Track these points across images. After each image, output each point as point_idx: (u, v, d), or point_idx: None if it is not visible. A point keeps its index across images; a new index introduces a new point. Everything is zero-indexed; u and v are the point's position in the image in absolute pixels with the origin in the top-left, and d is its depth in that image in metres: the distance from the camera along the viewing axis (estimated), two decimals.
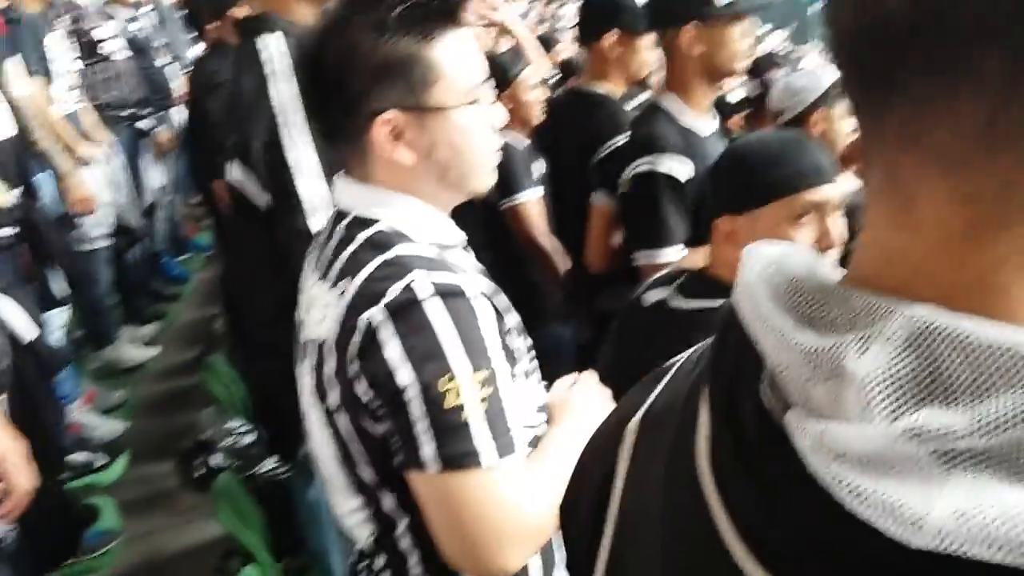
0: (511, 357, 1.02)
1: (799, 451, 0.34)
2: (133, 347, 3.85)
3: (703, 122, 1.99)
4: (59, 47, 3.45)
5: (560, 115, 2.61)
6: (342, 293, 1.01)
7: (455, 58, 1.03)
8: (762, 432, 0.38)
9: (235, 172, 1.57)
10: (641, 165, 1.92)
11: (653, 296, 1.51)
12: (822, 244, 1.32)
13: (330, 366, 1.02)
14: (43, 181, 2.99)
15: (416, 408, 0.94)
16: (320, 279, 1.08)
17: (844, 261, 1.13)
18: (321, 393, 1.05)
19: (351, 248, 1.04)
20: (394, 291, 0.96)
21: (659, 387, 0.54)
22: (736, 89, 3.07)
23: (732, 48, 1.94)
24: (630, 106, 2.49)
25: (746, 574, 0.37)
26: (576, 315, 2.63)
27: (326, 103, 1.07)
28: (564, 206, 2.62)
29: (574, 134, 2.48)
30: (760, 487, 0.38)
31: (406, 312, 0.95)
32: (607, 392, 1.20)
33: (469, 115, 1.05)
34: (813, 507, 0.34)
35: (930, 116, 0.33)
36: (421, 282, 0.96)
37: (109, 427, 3.20)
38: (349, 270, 1.02)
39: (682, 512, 0.44)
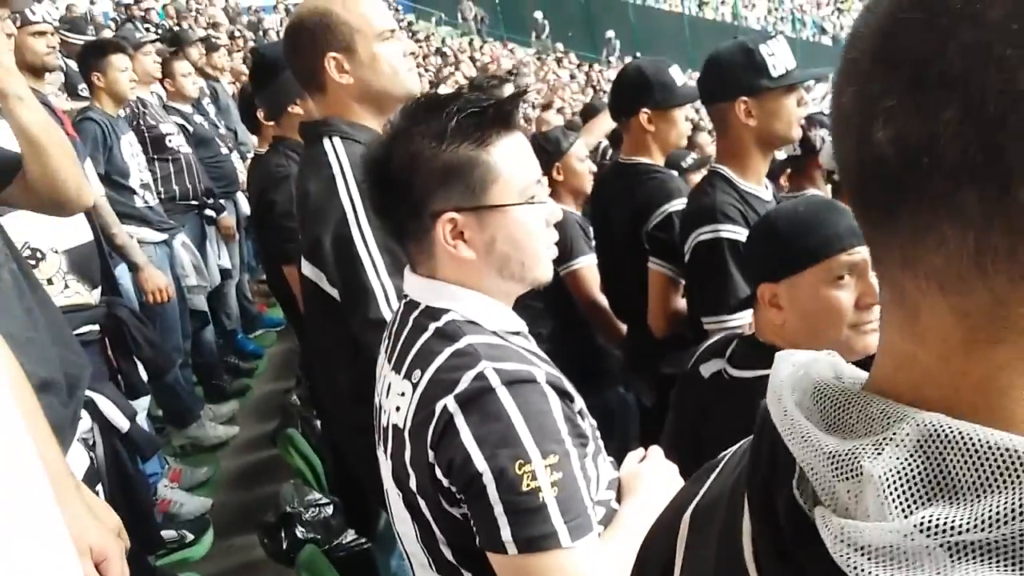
0: (580, 439, 1.06)
1: (827, 544, 0.39)
2: (214, 424, 3.98)
3: (761, 189, 2.04)
4: (132, 146, 3.67)
5: (608, 187, 2.68)
6: (416, 383, 1.07)
7: (510, 160, 1.11)
8: (795, 525, 0.42)
9: (306, 268, 1.65)
10: (704, 232, 1.95)
11: (711, 368, 1.53)
12: (864, 303, 1.33)
13: (408, 453, 1.07)
14: (120, 275, 3.16)
15: (493, 493, 0.98)
16: (393, 369, 1.14)
17: None
18: (401, 477, 1.10)
19: (423, 339, 1.10)
20: (465, 381, 1.02)
21: (710, 480, 0.59)
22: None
23: (787, 118, 1.98)
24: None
25: None
26: (636, 381, 2.65)
27: (393, 205, 1.15)
28: (616, 275, 2.66)
29: (623, 204, 2.53)
30: (795, 574, 0.42)
31: (478, 401, 1.01)
32: (672, 467, 1.24)
33: (525, 212, 1.12)
34: None
35: (925, 243, 0.37)
36: (491, 371, 1.02)
37: (195, 504, 3.31)
38: (421, 360, 1.08)
39: None
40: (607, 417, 1.30)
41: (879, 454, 0.37)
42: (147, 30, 9.53)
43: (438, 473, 1.03)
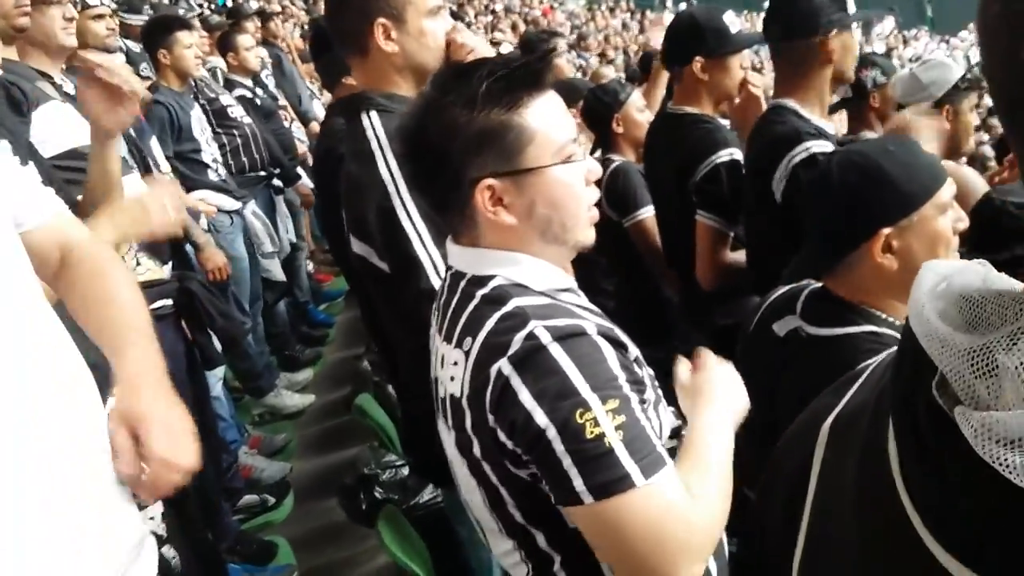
0: (637, 385, 1.04)
1: (969, 440, 0.39)
2: (290, 393, 4.09)
3: (827, 123, 2.03)
4: (200, 121, 3.74)
5: (655, 137, 2.63)
6: (468, 351, 1.07)
7: (544, 120, 1.09)
8: (935, 427, 0.43)
9: (356, 246, 1.66)
10: (797, 154, 1.92)
11: (785, 325, 1.50)
12: (956, 228, 1.38)
13: (468, 421, 1.07)
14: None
15: (559, 446, 0.98)
16: (445, 340, 1.14)
17: None
18: (464, 446, 1.10)
19: (471, 306, 1.10)
20: (517, 342, 1.01)
21: (851, 391, 0.60)
22: None
23: (854, 55, 2.00)
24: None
25: (935, 557, 0.41)
26: (692, 333, 2.62)
27: (430, 177, 1.14)
28: (666, 228, 2.62)
29: (669, 155, 2.48)
30: (938, 476, 0.43)
31: (532, 360, 1.00)
32: (727, 365, 1.23)
33: (563, 172, 1.10)
34: (984, 490, 0.38)
35: None
36: (541, 329, 1.01)
37: (276, 468, 3.41)
38: (471, 328, 1.08)
39: (875, 502, 0.49)
40: (669, 374, 1.27)
41: (1013, 345, 0.38)
42: (200, 7, 9.66)
43: (501, 436, 1.03)
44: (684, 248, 2.42)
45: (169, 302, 2.22)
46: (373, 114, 1.62)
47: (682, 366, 1.25)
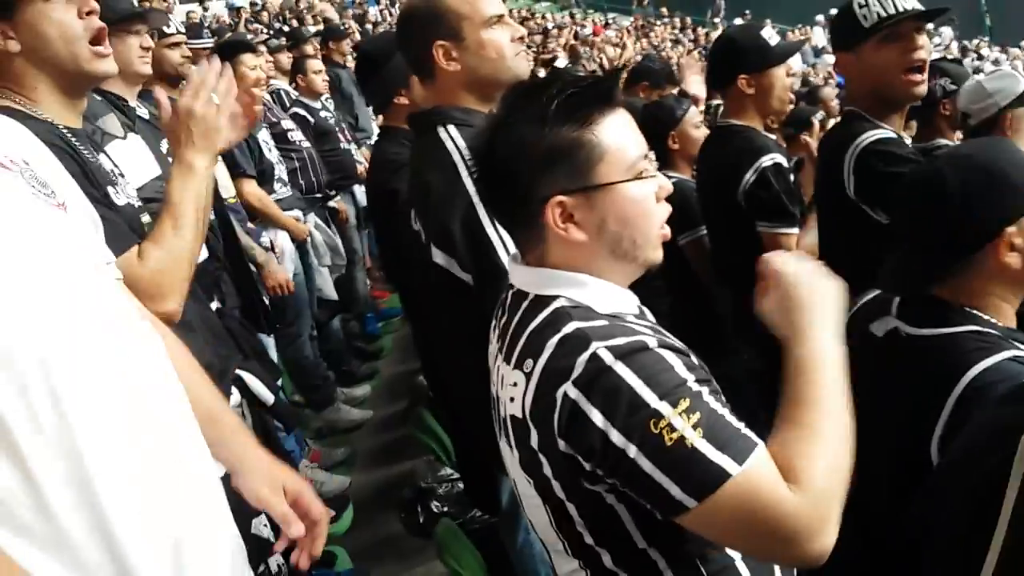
0: (708, 384, 1.02)
1: None
2: (348, 408, 4.15)
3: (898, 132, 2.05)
4: (268, 143, 3.85)
5: (703, 151, 2.66)
6: (528, 373, 1.06)
7: (615, 137, 1.09)
8: None
9: (438, 257, 1.67)
10: (868, 139, 1.95)
11: (882, 326, 1.48)
12: None
13: (535, 440, 1.06)
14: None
15: (644, 463, 0.97)
16: (504, 360, 1.14)
17: None
18: (530, 465, 1.09)
19: (531, 327, 1.09)
20: (580, 364, 1.00)
21: None
22: None
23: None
24: None
25: None
26: (743, 346, 2.61)
27: (501, 195, 1.16)
28: (714, 239, 2.64)
29: (713, 166, 2.51)
30: None
31: (597, 381, 0.99)
32: (808, 262, 1.18)
33: (634, 188, 1.09)
34: None
35: None
36: (603, 350, 1.00)
37: (336, 482, 3.46)
38: (531, 350, 1.07)
39: None
40: (733, 387, 1.27)
41: None
42: (259, 32, 9.93)
43: (579, 460, 1.02)
44: (734, 262, 2.42)
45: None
46: (451, 127, 1.64)
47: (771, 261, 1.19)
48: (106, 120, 2.04)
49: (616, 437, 0.98)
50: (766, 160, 2.32)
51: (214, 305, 2.30)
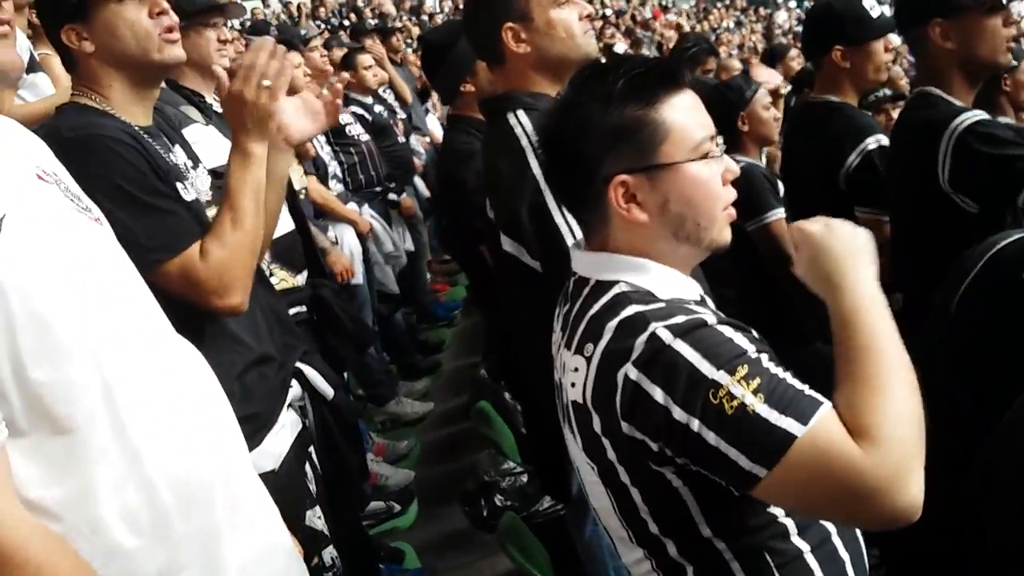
0: (770, 354, 1.00)
1: None
2: (411, 401, 4.18)
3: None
4: (318, 139, 3.88)
5: (795, 129, 2.57)
6: (589, 357, 1.06)
7: (679, 117, 1.08)
8: None
9: (507, 244, 1.67)
10: (966, 120, 1.86)
11: None
12: None
13: (598, 425, 1.06)
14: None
15: (709, 435, 0.95)
16: (566, 346, 1.14)
17: None
18: (594, 450, 1.09)
19: (591, 312, 1.09)
20: (640, 345, 1.00)
21: None
22: None
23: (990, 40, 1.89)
24: None
25: None
26: (822, 332, 2.52)
27: (566, 174, 1.15)
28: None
29: (811, 145, 2.40)
30: None
31: (657, 360, 0.99)
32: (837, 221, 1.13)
33: (698, 169, 1.08)
34: None
35: None
36: (662, 330, 1.00)
37: (400, 476, 3.48)
38: (592, 334, 1.07)
39: None
40: (806, 375, 1.22)
41: None
42: (317, 26, 10.05)
43: (646, 441, 1.01)
44: None
45: (304, 308, 2.31)
46: (520, 113, 1.63)
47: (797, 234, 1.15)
48: (187, 108, 2.08)
49: (679, 413, 0.97)
50: (871, 142, 2.22)
51: (302, 277, 2.33)
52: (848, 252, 1.08)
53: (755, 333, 1.06)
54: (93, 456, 0.89)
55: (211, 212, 1.62)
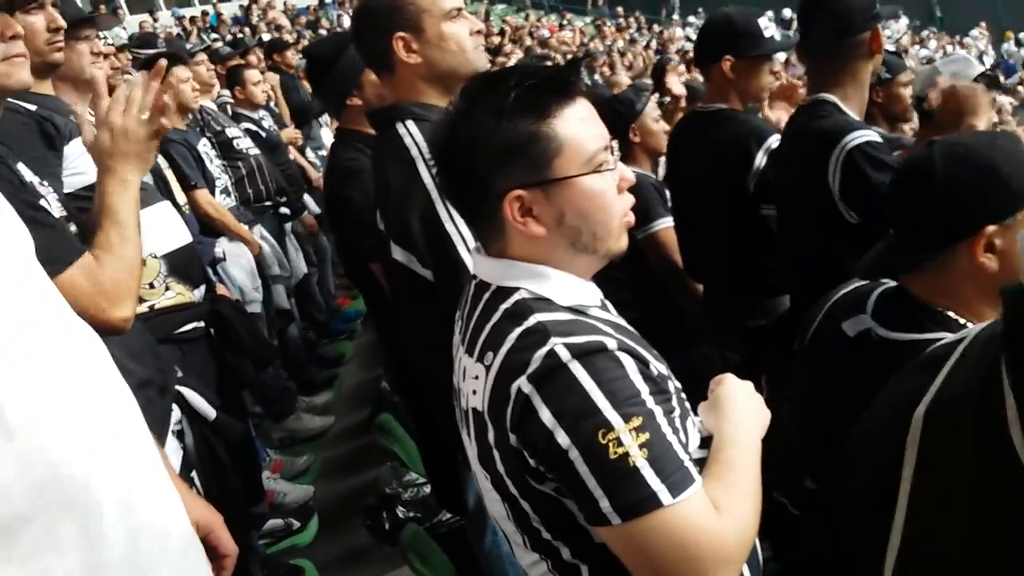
0: (663, 395, 1.03)
1: None
2: (310, 416, 4.10)
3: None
4: (208, 154, 3.77)
5: (684, 137, 2.63)
6: (488, 366, 1.06)
7: (572, 130, 1.07)
8: None
9: (397, 253, 1.67)
10: (856, 139, 1.95)
11: (855, 326, 1.46)
12: None
13: (491, 435, 1.07)
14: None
15: (582, 467, 0.97)
16: (467, 352, 1.13)
17: None
18: (487, 459, 1.10)
19: (493, 320, 1.09)
20: (536, 360, 1.00)
21: (940, 378, 0.59)
22: None
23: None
24: None
25: None
26: (722, 337, 2.62)
27: (460, 187, 1.14)
28: (696, 229, 2.62)
29: (705, 152, 2.47)
30: None
31: (551, 378, 0.99)
32: (745, 383, 1.20)
33: (593, 181, 1.08)
34: None
35: None
36: (560, 347, 1.00)
37: (299, 492, 3.41)
38: (492, 343, 1.07)
39: (1003, 490, 0.49)
40: (697, 378, 1.27)
41: None
42: (212, 40, 9.80)
43: (525, 455, 1.02)
44: (718, 249, 2.43)
45: (201, 324, 2.24)
46: (410, 123, 1.63)
47: (702, 407, 1.22)
48: (75, 119, 2.01)
49: (561, 437, 0.98)
50: (773, 141, 2.33)
51: (199, 292, 2.25)
52: (743, 406, 1.16)
53: (652, 365, 1.07)
54: None
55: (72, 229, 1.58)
